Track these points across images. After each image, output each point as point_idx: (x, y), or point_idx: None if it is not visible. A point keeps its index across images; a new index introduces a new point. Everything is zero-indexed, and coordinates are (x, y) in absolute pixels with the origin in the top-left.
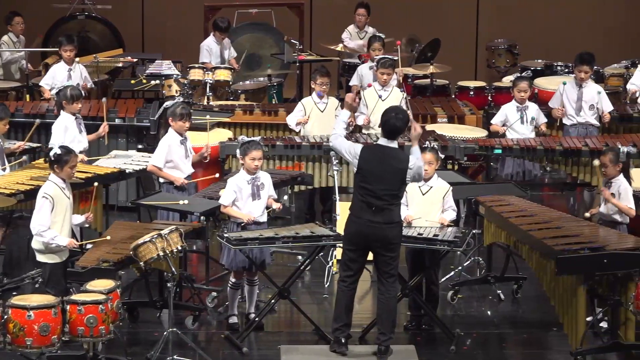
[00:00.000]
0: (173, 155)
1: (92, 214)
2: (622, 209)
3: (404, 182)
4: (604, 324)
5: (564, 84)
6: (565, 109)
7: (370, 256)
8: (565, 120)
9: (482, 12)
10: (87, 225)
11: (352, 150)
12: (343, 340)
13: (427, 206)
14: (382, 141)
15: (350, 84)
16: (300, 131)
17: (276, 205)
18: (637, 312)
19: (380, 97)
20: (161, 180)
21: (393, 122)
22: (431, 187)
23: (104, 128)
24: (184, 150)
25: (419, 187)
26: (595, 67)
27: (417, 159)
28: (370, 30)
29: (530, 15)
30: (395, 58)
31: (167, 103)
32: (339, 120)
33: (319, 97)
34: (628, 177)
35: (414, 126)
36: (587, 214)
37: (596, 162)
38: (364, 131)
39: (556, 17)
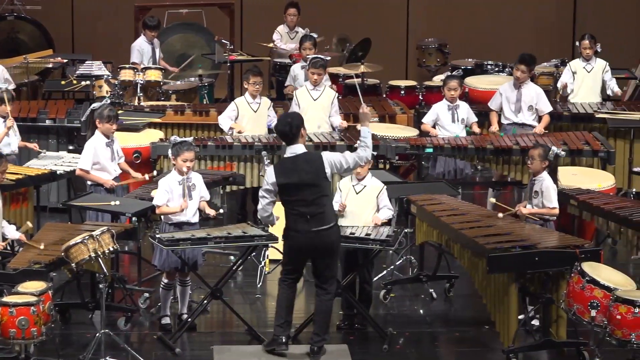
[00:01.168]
0: (99, 158)
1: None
2: (544, 214)
3: (327, 178)
4: (535, 322)
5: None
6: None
7: None
8: (503, 120)
9: (413, 12)
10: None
11: (266, 184)
12: (284, 340)
13: (361, 205)
14: (288, 150)
15: (286, 84)
16: (231, 132)
17: (210, 212)
18: (569, 309)
19: (312, 97)
20: (89, 182)
21: (293, 125)
22: (365, 186)
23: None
24: (110, 152)
25: (353, 186)
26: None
27: (360, 142)
28: (300, 30)
29: (460, 14)
30: (328, 58)
31: (95, 105)
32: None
33: (253, 97)
34: (555, 178)
35: (361, 107)
36: (500, 215)
37: (492, 200)
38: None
39: (486, 17)
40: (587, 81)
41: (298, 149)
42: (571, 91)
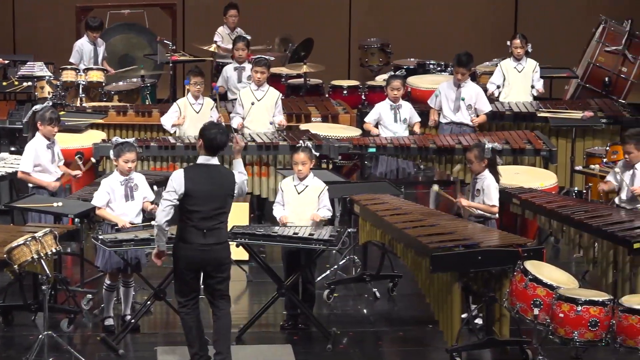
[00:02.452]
0: (40, 160)
1: None
2: (483, 209)
3: (232, 197)
4: (479, 321)
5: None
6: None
7: None
8: (441, 119)
9: (355, 12)
10: None
11: (172, 186)
12: None
13: (303, 205)
14: (203, 159)
15: (218, 84)
16: (175, 132)
17: (150, 207)
18: (512, 308)
19: (256, 97)
20: (30, 185)
21: (220, 138)
22: (306, 186)
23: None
24: (51, 154)
25: (295, 186)
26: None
27: (240, 173)
28: (240, 31)
29: (402, 14)
30: (272, 58)
31: (37, 106)
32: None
33: (195, 98)
34: (495, 173)
35: (236, 139)
36: (435, 188)
37: (435, 187)
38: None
39: (428, 16)
40: (518, 81)
41: (215, 160)
42: (499, 93)
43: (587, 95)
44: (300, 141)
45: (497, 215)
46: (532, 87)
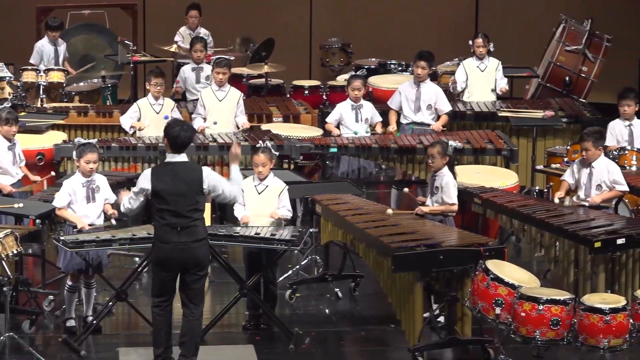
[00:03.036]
0: (1, 162)
1: None
2: (443, 211)
3: (202, 193)
4: (441, 319)
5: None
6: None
7: None
8: (401, 119)
9: (316, 12)
10: None
11: (139, 182)
12: None
13: (263, 205)
14: (170, 157)
15: (173, 85)
16: (134, 133)
17: (111, 211)
18: (474, 307)
19: (217, 97)
20: None
21: (184, 135)
22: (267, 186)
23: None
24: (12, 155)
25: (255, 186)
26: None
27: (232, 179)
28: (202, 31)
29: (363, 14)
30: (232, 58)
31: None
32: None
33: (155, 99)
34: (453, 172)
35: (235, 145)
36: (389, 211)
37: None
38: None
39: (389, 16)
40: (480, 80)
41: (182, 157)
42: (462, 89)
43: (547, 95)
44: (260, 142)
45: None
46: (493, 89)
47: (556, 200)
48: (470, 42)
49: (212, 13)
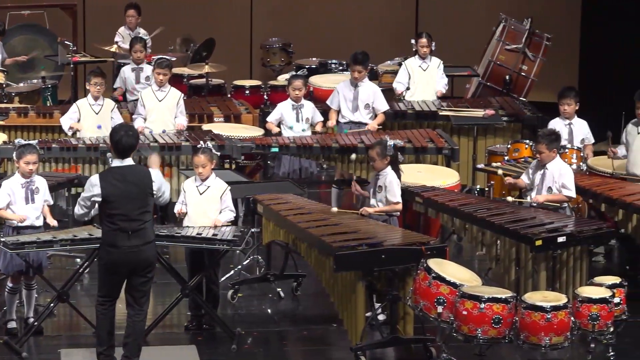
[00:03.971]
0: None
1: None
2: (387, 210)
3: (152, 195)
4: (381, 317)
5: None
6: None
7: None
8: (340, 118)
9: (256, 11)
10: None
11: (87, 189)
12: None
13: (205, 206)
14: (117, 162)
15: (114, 86)
16: (75, 134)
17: (52, 223)
18: (415, 306)
19: (157, 98)
20: None
21: (126, 140)
22: (208, 186)
23: None
24: None
25: (197, 187)
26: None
27: (162, 184)
28: (141, 31)
29: (303, 13)
30: (174, 58)
31: None
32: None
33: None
34: (397, 170)
35: (151, 155)
36: (334, 209)
37: (353, 156)
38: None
39: (330, 16)
40: (423, 79)
41: (129, 161)
42: (406, 90)
43: (488, 94)
44: (201, 142)
45: (399, 213)
46: (437, 85)
47: (508, 180)
48: (413, 42)
49: (152, 13)
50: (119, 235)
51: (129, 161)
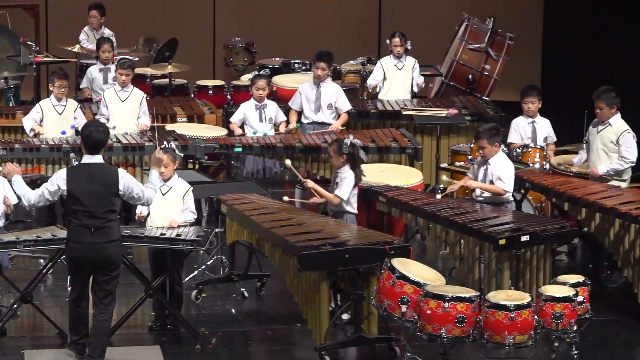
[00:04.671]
0: None
1: None
2: (323, 195)
3: (118, 195)
4: (345, 316)
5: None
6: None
7: None
8: (302, 119)
9: (219, 11)
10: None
11: (53, 182)
12: (82, 350)
13: (168, 206)
14: (86, 158)
15: (80, 86)
16: (38, 135)
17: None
18: (379, 305)
19: (120, 98)
20: None
21: (96, 136)
22: (171, 187)
23: None
24: None
25: (160, 187)
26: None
27: (149, 183)
28: (106, 31)
29: (266, 13)
30: (136, 59)
31: None
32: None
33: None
34: (356, 169)
35: (157, 151)
36: (285, 198)
37: (287, 162)
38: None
39: (292, 16)
40: (398, 78)
41: (99, 159)
42: (380, 89)
43: (451, 93)
44: (164, 142)
45: (355, 210)
46: (415, 84)
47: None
48: (388, 41)
49: (115, 13)
50: (82, 232)
51: (98, 158)
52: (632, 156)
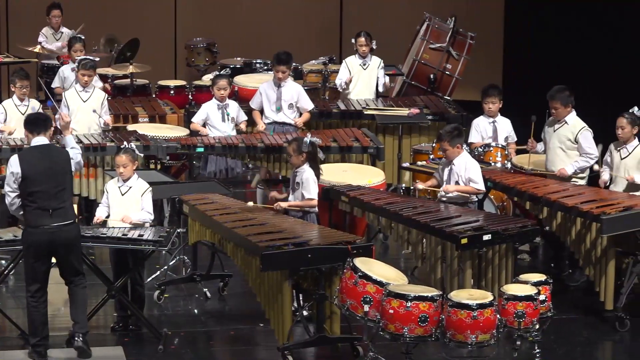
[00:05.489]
0: None
1: None
2: (302, 206)
3: (71, 173)
4: (305, 313)
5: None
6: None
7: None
8: (264, 119)
9: (180, 11)
10: None
11: (9, 172)
12: (43, 353)
13: (127, 206)
14: (34, 141)
15: (52, 86)
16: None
17: None
18: (342, 305)
19: (81, 98)
20: None
21: (35, 116)
22: (130, 187)
23: None
24: None
25: (119, 187)
26: (293, 64)
27: (74, 148)
28: (65, 30)
29: (228, 13)
30: (97, 59)
31: None
32: None
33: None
34: (316, 168)
35: (62, 115)
36: (250, 203)
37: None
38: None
39: (254, 15)
40: (362, 78)
41: (45, 140)
42: (344, 87)
43: (413, 93)
44: (124, 142)
45: (316, 209)
46: (380, 84)
47: (419, 186)
48: (353, 41)
49: (76, 13)
50: (39, 214)
51: (44, 140)
52: (595, 151)
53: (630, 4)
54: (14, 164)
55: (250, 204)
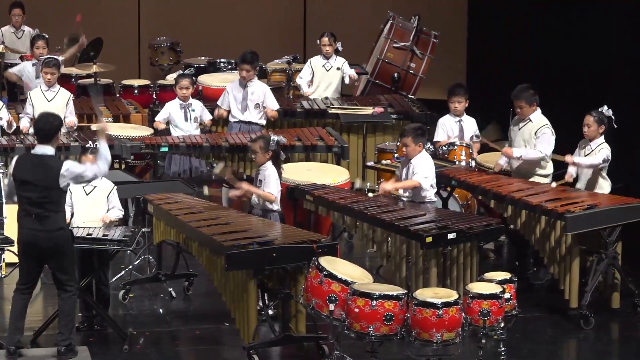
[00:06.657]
0: None
1: None
2: (258, 194)
3: (59, 188)
4: (270, 312)
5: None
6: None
7: None
8: (230, 118)
9: (144, 10)
10: None
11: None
12: (12, 349)
13: (92, 206)
14: (36, 148)
15: (10, 70)
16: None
17: None
18: (307, 304)
19: (46, 98)
20: None
21: (42, 126)
22: (95, 186)
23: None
24: None
25: (83, 187)
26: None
27: (100, 160)
28: (27, 29)
29: (192, 12)
30: (61, 58)
31: None
32: None
33: None
34: (278, 167)
35: (100, 121)
36: (206, 191)
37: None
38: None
39: (218, 15)
40: (326, 78)
41: (47, 150)
42: (308, 87)
43: (377, 92)
44: (90, 142)
45: (279, 207)
46: (346, 76)
47: (386, 187)
48: (318, 41)
49: (38, 12)
50: (24, 217)
51: (47, 149)
52: (546, 150)
53: (594, 1)
54: (13, 163)
55: (206, 188)
